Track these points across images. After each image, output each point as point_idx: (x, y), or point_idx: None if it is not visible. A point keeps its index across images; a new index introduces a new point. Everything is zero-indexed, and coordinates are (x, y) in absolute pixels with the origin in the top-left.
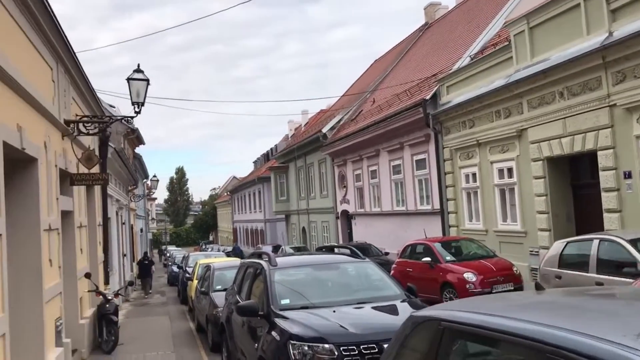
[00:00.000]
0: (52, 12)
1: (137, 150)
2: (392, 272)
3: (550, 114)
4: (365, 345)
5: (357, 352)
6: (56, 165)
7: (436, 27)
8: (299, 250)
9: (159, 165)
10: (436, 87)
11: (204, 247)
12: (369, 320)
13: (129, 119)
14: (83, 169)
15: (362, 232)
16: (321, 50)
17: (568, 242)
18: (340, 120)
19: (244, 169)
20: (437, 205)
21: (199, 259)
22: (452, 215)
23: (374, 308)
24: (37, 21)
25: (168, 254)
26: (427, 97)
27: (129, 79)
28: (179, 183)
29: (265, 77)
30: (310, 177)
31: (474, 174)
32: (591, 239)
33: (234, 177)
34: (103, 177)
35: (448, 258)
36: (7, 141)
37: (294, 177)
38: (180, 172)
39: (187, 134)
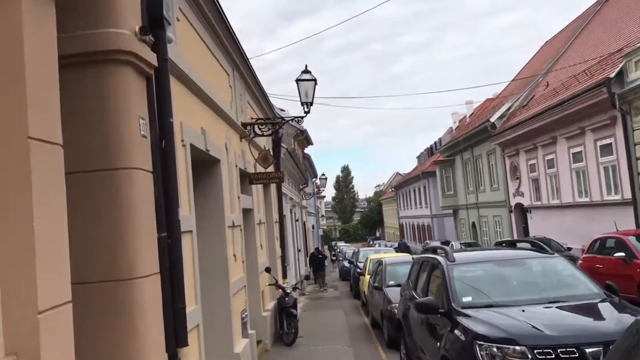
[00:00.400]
0: (229, 23)
1: (306, 150)
2: None
3: None
4: (564, 349)
5: (554, 356)
6: (236, 166)
7: (615, 1)
8: (469, 246)
9: (326, 165)
10: (622, 64)
11: (371, 242)
12: (565, 321)
13: (299, 119)
14: (260, 169)
15: (539, 226)
16: (484, 38)
17: None
18: (509, 107)
19: (407, 165)
20: (627, 195)
21: (369, 254)
22: None
23: (569, 308)
24: (215, 32)
25: (338, 250)
26: (612, 76)
27: (297, 80)
28: (344, 181)
29: (425, 72)
30: (479, 170)
31: None
32: None
33: (398, 174)
34: (278, 176)
35: None
36: (193, 144)
37: (461, 171)
38: (346, 171)
39: (350, 134)
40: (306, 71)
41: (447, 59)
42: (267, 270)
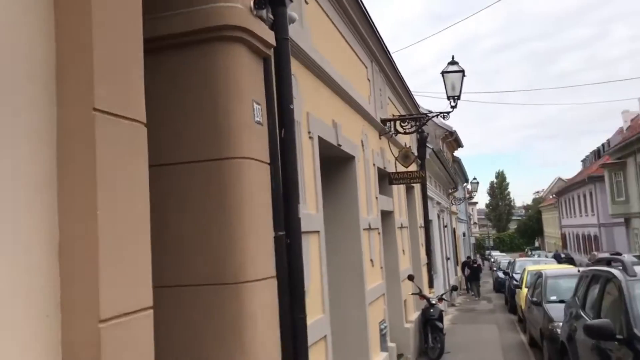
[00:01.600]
0: (366, 9)
1: (456, 153)
2: None
3: None
4: None
5: None
6: (374, 164)
7: None
8: None
9: (478, 170)
10: None
11: (529, 253)
12: None
13: (444, 114)
14: (401, 169)
15: None
16: None
17: None
18: None
19: (571, 170)
20: None
21: (527, 265)
22: None
23: None
24: (350, 19)
25: (492, 259)
26: None
27: (443, 72)
28: (499, 187)
29: (590, 69)
30: None
31: None
32: None
33: (559, 179)
34: (421, 175)
35: None
36: (322, 136)
37: (634, 174)
38: (501, 176)
39: (505, 136)
40: (453, 62)
41: (617, 55)
42: (410, 278)
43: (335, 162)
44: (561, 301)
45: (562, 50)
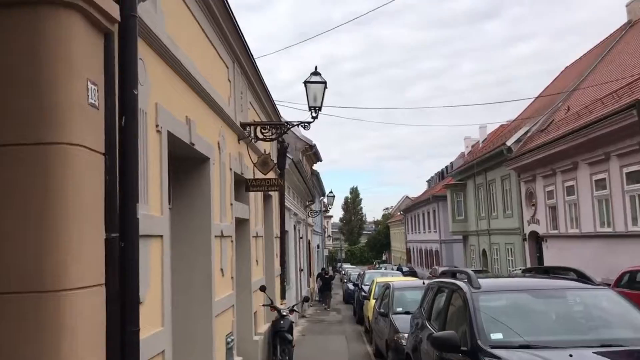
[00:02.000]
0: (230, 8)
1: (315, 167)
2: None
3: None
4: None
5: None
6: (231, 169)
7: (638, 29)
8: (479, 274)
9: (335, 186)
10: None
11: (377, 266)
12: None
13: (305, 124)
14: (259, 175)
15: (555, 256)
16: (500, 67)
17: None
18: (527, 132)
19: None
20: None
21: (376, 277)
22: None
23: (626, 354)
24: (214, 16)
25: (343, 272)
26: None
27: (306, 82)
28: (353, 202)
29: (440, 97)
30: (492, 195)
31: None
32: None
33: (407, 197)
34: (279, 183)
35: None
36: (173, 132)
37: (473, 195)
38: (355, 192)
39: (361, 156)
40: (316, 73)
41: (463, 86)
42: (262, 289)
43: (188, 163)
44: (407, 313)
45: (415, 78)
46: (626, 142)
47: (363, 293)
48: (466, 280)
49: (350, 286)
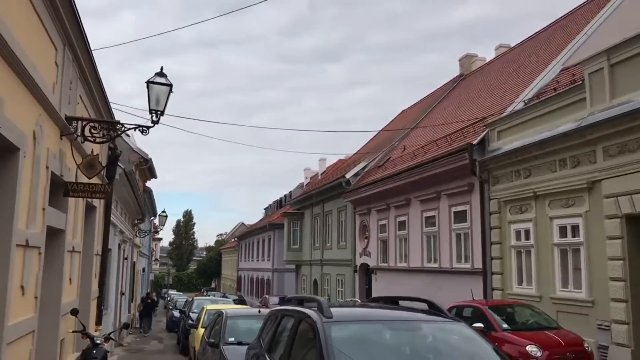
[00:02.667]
0: None
1: (149, 184)
2: None
3: (633, 164)
4: None
5: None
6: (47, 167)
7: (474, 78)
8: None
9: (168, 207)
10: (484, 132)
11: (205, 293)
12: None
13: (144, 128)
14: (83, 179)
15: (383, 288)
16: (338, 108)
17: None
18: (365, 166)
19: (253, 217)
20: (478, 264)
21: (206, 304)
22: (496, 276)
23: None
24: None
25: (168, 298)
26: (475, 142)
27: (148, 82)
28: (185, 226)
29: (282, 129)
30: (328, 226)
31: (527, 231)
32: None
33: (242, 224)
34: (105, 190)
35: (505, 326)
36: None
37: (309, 225)
38: (188, 216)
39: (198, 179)
40: (161, 74)
41: (303, 120)
42: (74, 312)
43: None
44: (240, 343)
45: (258, 107)
46: (457, 183)
47: (190, 321)
48: (316, 308)
49: (176, 313)
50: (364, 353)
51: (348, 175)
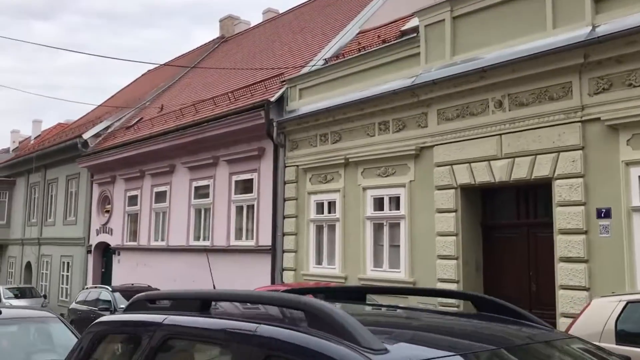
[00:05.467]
0: None
1: None
2: None
3: (476, 129)
4: None
5: None
6: None
7: (243, 39)
8: (19, 290)
9: None
10: (282, 90)
11: None
12: None
13: None
14: None
15: (129, 271)
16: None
17: (630, 303)
18: (109, 126)
19: None
20: (266, 241)
21: None
22: (289, 254)
23: None
24: None
25: None
26: (272, 99)
27: None
28: None
29: None
30: (51, 197)
31: (332, 202)
32: None
33: None
34: None
35: None
36: None
37: (23, 196)
38: None
39: None
40: None
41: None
42: None
43: None
44: None
45: None
46: (242, 147)
47: None
48: (346, 338)
49: None
50: None
51: (86, 136)
